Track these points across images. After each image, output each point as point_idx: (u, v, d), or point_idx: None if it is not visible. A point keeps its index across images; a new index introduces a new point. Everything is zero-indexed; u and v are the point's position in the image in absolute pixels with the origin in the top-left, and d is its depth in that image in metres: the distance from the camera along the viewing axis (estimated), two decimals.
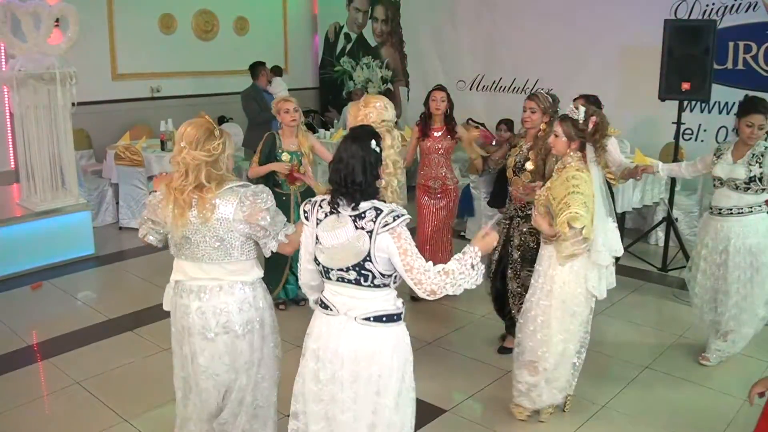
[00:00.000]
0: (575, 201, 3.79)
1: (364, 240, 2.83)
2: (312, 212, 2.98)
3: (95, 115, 9.28)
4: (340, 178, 2.88)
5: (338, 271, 2.91)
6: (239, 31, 11.46)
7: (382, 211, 2.85)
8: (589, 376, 4.82)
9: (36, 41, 6.97)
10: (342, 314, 2.95)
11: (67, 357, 5.21)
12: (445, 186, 6.04)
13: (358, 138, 2.97)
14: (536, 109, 4.90)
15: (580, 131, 3.95)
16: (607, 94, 8.72)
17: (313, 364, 3.01)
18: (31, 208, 7.22)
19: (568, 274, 4.02)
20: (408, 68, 11.38)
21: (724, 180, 4.89)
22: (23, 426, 4.33)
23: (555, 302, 4.06)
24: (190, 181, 3.06)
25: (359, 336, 2.93)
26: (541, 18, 9.30)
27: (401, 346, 3.01)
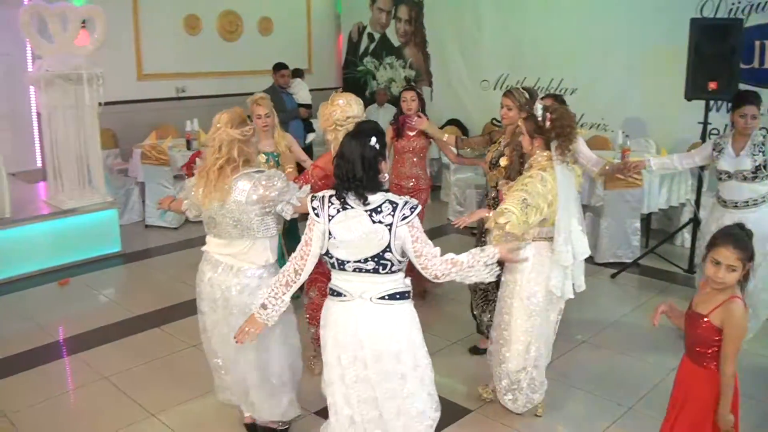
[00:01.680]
0: (513, 198, 3.79)
1: (383, 233, 2.96)
2: (322, 209, 3.05)
3: (121, 114, 9.37)
4: (342, 174, 3.01)
5: (355, 262, 3.02)
6: (263, 31, 11.52)
7: (397, 204, 3.00)
8: (615, 378, 4.82)
9: (63, 42, 7.06)
10: (357, 297, 3.07)
11: (94, 353, 5.27)
12: (418, 186, 5.99)
13: (358, 134, 3.09)
14: (512, 106, 4.84)
15: (539, 128, 3.97)
16: (632, 93, 8.73)
17: (334, 350, 3.14)
18: (58, 206, 7.31)
19: (529, 272, 4.02)
20: (431, 68, 11.37)
21: (732, 173, 5.01)
22: (52, 420, 4.38)
23: (516, 302, 4.07)
24: (222, 155, 3.46)
25: (376, 315, 3.07)
26: (566, 17, 9.25)
27: (415, 321, 3.19)
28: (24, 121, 9.27)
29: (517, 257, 3.40)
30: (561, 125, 3.92)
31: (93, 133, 7.43)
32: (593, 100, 9.02)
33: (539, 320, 4.08)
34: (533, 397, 4.22)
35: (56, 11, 6.98)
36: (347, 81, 12.73)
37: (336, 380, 3.17)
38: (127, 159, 9.40)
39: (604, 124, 9.01)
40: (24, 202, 7.43)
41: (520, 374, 4.15)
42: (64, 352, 5.37)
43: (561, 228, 3.91)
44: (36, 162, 9.36)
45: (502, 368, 4.19)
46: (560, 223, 3.91)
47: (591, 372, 4.95)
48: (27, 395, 4.64)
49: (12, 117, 8.99)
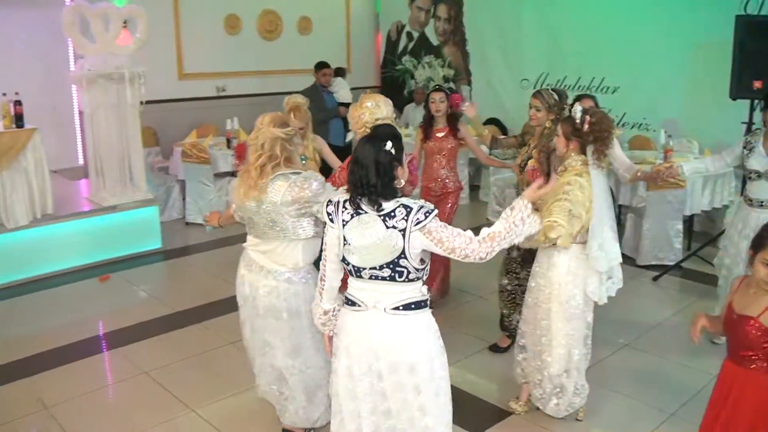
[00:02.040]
0: (559, 209, 3.70)
1: (397, 239, 2.83)
2: (337, 214, 2.95)
3: (162, 113, 9.48)
4: (356, 180, 2.87)
5: (371, 269, 2.91)
6: (303, 30, 11.56)
7: (411, 208, 2.84)
8: (657, 383, 4.74)
9: (105, 42, 7.16)
10: (371, 307, 2.96)
11: (134, 347, 5.33)
12: (445, 188, 5.85)
13: (372, 139, 2.95)
14: (541, 107, 4.76)
15: (576, 131, 3.86)
16: (674, 92, 8.59)
17: (345, 361, 3.03)
18: (100, 202, 7.41)
19: (565, 275, 3.94)
20: (470, 67, 11.32)
21: (762, 172, 4.89)
22: (92, 413, 4.44)
23: (554, 305, 3.99)
24: (264, 151, 3.48)
25: (391, 326, 2.94)
26: (607, 14, 9.14)
27: (432, 332, 3.04)
28: (66, 120, 9.42)
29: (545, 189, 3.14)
30: (600, 129, 3.83)
31: (134, 131, 7.52)
32: (635, 99, 8.91)
33: (579, 323, 4.02)
34: (575, 401, 4.16)
35: (98, 11, 7.07)
36: (385, 80, 12.74)
37: (342, 391, 3.07)
38: (167, 157, 9.50)
39: (646, 123, 8.89)
40: (66, 199, 7.54)
41: (562, 377, 4.08)
42: (105, 346, 5.44)
43: (596, 233, 3.84)
44: (78, 159, 9.50)
45: (543, 374, 4.12)
46: (595, 228, 3.83)
47: (632, 376, 4.88)
48: (67, 388, 4.71)
49: (54, 115, 9.13)
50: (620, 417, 4.37)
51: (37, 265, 6.82)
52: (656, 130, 8.20)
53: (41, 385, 4.77)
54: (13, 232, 6.63)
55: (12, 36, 8.65)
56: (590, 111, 3.91)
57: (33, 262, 6.79)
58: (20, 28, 8.69)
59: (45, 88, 8.98)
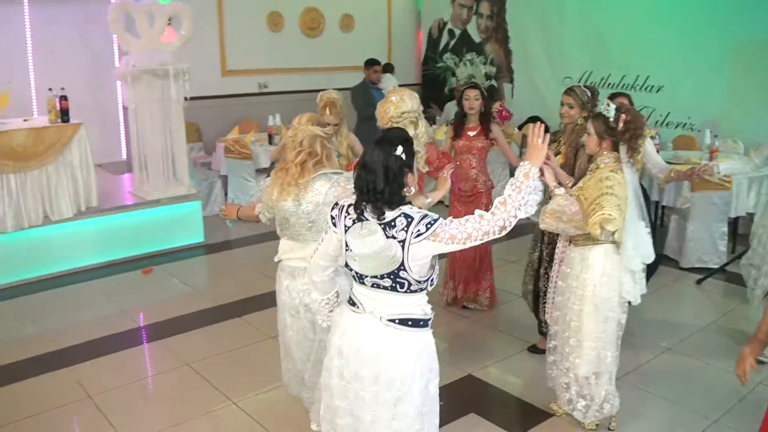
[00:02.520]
0: (609, 203, 3.64)
1: (396, 250, 2.69)
2: (340, 218, 2.84)
3: (205, 109, 9.58)
4: (363, 186, 2.72)
5: (373, 278, 2.80)
6: (345, 28, 11.60)
7: (413, 218, 2.69)
8: (700, 388, 4.66)
9: (150, 38, 7.25)
10: (368, 313, 2.84)
11: (176, 339, 5.41)
12: (476, 189, 5.71)
13: (382, 143, 2.78)
14: (573, 104, 4.69)
15: (611, 129, 3.79)
16: (719, 91, 8.43)
17: (337, 361, 2.93)
18: (143, 196, 7.52)
19: (600, 277, 3.86)
20: (513, 64, 11.25)
21: None
22: (134, 402, 4.52)
23: (587, 307, 3.90)
24: (304, 148, 3.42)
25: (382, 336, 2.82)
26: (652, 11, 9.01)
27: (426, 353, 2.90)
28: (110, 115, 9.56)
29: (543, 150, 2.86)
30: (634, 127, 3.78)
31: (178, 126, 7.61)
32: (679, 98, 8.78)
33: (612, 325, 3.95)
34: (605, 407, 4.08)
35: (143, 8, 7.17)
36: (426, 77, 12.72)
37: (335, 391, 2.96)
38: (210, 152, 9.61)
39: (690, 123, 8.75)
40: (110, 193, 7.67)
41: (590, 380, 4.01)
42: (147, 337, 5.53)
43: (630, 232, 3.78)
44: (121, 154, 9.65)
45: (570, 376, 4.07)
46: (629, 227, 3.77)
47: (674, 381, 4.80)
48: (111, 378, 4.79)
49: (99, 110, 9.28)
50: (662, 423, 4.31)
51: (81, 257, 6.95)
52: (701, 129, 8.07)
53: (83, 374, 4.86)
54: (57, 224, 6.75)
55: (58, 32, 8.81)
56: (623, 108, 3.86)
57: (77, 254, 6.92)
58: (67, 25, 8.85)
59: (90, 83, 9.13)
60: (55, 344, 5.32)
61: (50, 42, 8.76)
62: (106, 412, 4.37)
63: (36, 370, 4.91)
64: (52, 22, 8.74)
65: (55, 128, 6.67)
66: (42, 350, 5.23)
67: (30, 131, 6.48)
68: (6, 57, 8.42)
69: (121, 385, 4.71)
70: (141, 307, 6.11)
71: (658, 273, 6.73)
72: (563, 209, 3.70)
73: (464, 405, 4.46)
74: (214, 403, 4.47)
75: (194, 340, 5.41)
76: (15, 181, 6.42)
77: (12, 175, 6.38)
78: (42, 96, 7.76)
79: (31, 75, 8.67)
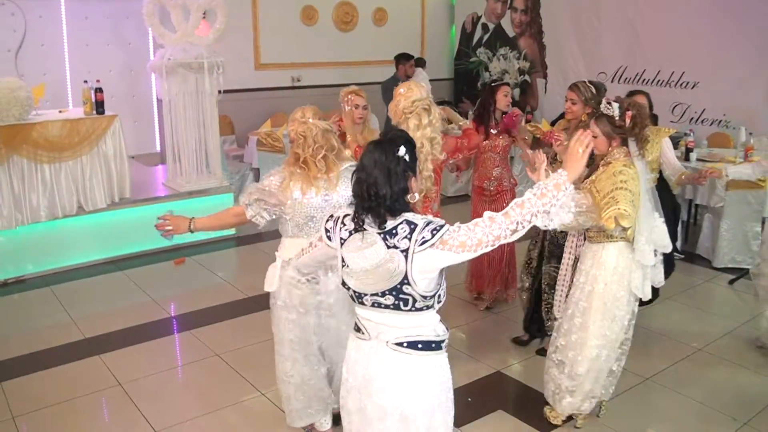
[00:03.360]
0: (623, 198, 3.58)
1: (398, 261, 2.44)
2: (335, 231, 2.61)
3: (239, 102, 9.64)
4: (362, 190, 2.48)
5: (373, 296, 2.54)
6: (378, 21, 11.59)
7: (416, 225, 2.45)
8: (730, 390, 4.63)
9: (185, 32, 7.31)
10: (373, 338, 2.61)
11: (206, 330, 5.46)
12: (501, 187, 5.62)
13: (383, 143, 2.56)
14: (577, 100, 4.69)
15: (618, 128, 3.73)
16: (755, 88, 8.28)
17: (344, 392, 2.76)
18: (176, 188, 7.60)
19: (611, 275, 3.80)
20: (546, 59, 11.16)
21: None
22: (165, 391, 4.58)
23: (595, 304, 3.84)
24: (322, 143, 3.38)
25: (390, 363, 2.57)
26: (688, 7, 8.87)
27: (441, 380, 2.65)
28: (144, 107, 9.65)
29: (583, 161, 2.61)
30: (642, 119, 3.75)
31: (212, 119, 7.67)
32: (714, 95, 8.63)
33: (619, 325, 3.89)
34: (584, 405, 4.03)
35: (178, 2, 7.23)
36: (459, 72, 12.66)
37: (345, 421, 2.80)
38: (242, 145, 9.68)
39: (726, 120, 8.60)
40: (143, 184, 7.75)
41: (582, 377, 3.94)
42: (178, 327, 5.59)
43: (643, 227, 3.74)
44: (155, 146, 9.74)
45: (564, 371, 3.99)
46: (642, 221, 3.72)
47: (704, 382, 4.74)
48: (142, 366, 4.86)
49: (133, 103, 9.39)
50: (691, 424, 4.26)
51: (114, 246, 7.05)
52: (736, 127, 7.94)
53: (114, 362, 4.93)
54: (91, 215, 6.85)
55: (95, 25, 8.92)
56: (627, 103, 3.79)
57: (110, 244, 7.02)
58: (103, 18, 8.95)
59: (125, 76, 9.26)
60: (86, 332, 5.41)
61: (86, 35, 8.88)
62: (135, 399, 4.44)
63: (67, 358, 5.00)
64: (89, 15, 8.85)
65: (90, 120, 6.76)
66: (74, 338, 5.33)
67: (65, 122, 6.58)
68: (42, 50, 8.54)
69: (151, 374, 4.77)
70: (172, 297, 6.19)
71: (691, 272, 6.68)
72: (579, 202, 3.58)
73: (492, 402, 4.45)
74: (243, 394, 4.51)
75: (224, 330, 5.46)
76: (50, 171, 6.52)
77: (47, 165, 6.48)
78: (77, 88, 7.87)
79: (67, 67, 8.78)
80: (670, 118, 8.74)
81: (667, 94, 8.95)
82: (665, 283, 5.81)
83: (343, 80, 10.49)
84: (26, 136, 6.29)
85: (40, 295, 6.19)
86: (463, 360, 4.97)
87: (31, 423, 4.21)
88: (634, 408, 4.37)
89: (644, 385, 4.64)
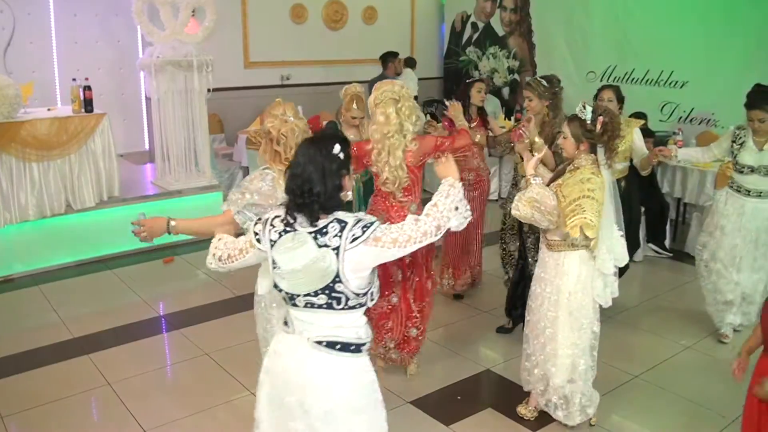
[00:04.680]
0: (590, 207, 3.59)
1: (330, 259, 2.45)
2: (264, 233, 2.57)
3: (228, 100, 9.61)
4: (296, 187, 2.48)
5: (306, 296, 2.53)
6: (368, 20, 11.57)
7: (346, 223, 2.48)
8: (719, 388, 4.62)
9: (174, 30, 7.30)
10: (297, 333, 2.60)
11: (195, 329, 5.45)
12: (479, 177, 5.90)
13: (318, 140, 2.60)
14: (532, 97, 4.92)
15: (588, 132, 3.71)
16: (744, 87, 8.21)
17: (267, 388, 2.72)
18: (165, 186, 7.58)
19: (575, 284, 3.82)
20: (536, 59, 11.17)
21: (755, 167, 4.93)
22: (154, 390, 4.57)
23: (562, 313, 3.86)
24: None
25: (309, 361, 2.57)
26: (678, 6, 8.90)
27: (362, 383, 2.64)
28: (133, 105, 9.59)
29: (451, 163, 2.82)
30: (613, 128, 3.75)
31: (201, 118, 7.66)
32: (703, 94, 8.65)
33: (586, 333, 3.91)
34: (588, 411, 4.05)
35: (167, 0, 7.21)
36: (449, 71, 12.66)
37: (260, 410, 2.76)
38: (232, 144, 9.65)
39: (715, 119, 8.63)
40: (132, 183, 7.72)
41: (566, 388, 3.97)
42: (167, 326, 5.57)
43: (605, 236, 3.76)
44: (144, 144, 9.70)
45: (548, 384, 4.02)
46: (604, 230, 3.75)
47: (693, 380, 4.76)
48: (131, 366, 4.84)
49: (122, 101, 9.35)
50: (680, 420, 4.28)
51: (103, 245, 7.01)
52: (725, 126, 7.97)
53: (103, 361, 4.91)
54: (80, 213, 6.82)
55: (84, 23, 8.86)
56: (601, 110, 3.79)
57: (99, 243, 6.98)
58: (92, 15, 8.90)
59: (114, 74, 9.20)
60: (75, 331, 5.39)
61: (74, 33, 8.82)
62: (124, 399, 4.42)
63: (56, 357, 4.98)
64: (77, 13, 8.80)
65: (79, 118, 6.73)
66: (62, 337, 5.30)
67: (53, 120, 6.55)
68: (31, 47, 8.48)
69: (141, 373, 4.76)
70: (161, 296, 6.17)
71: (679, 270, 6.72)
72: (542, 199, 3.58)
73: (482, 400, 4.46)
74: (233, 393, 4.50)
75: (213, 329, 5.44)
76: (38, 170, 6.48)
77: (35, 163, 6.45)
78: (66, 86, 7.83)
79: (56, 65, 8.72)
80: (659, 117, 8.76)
81: (656, 93, 8.98)
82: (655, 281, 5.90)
83: (332, 79, 10.55)
84: (15, 135, 6.25)
85: (28, 294, 6.16)
86: (451, 358, 4.99)
87: (20, 423, 4.19)
88: (622, 406, 4.40)
89: (633, 383, 4.67)
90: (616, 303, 5.87)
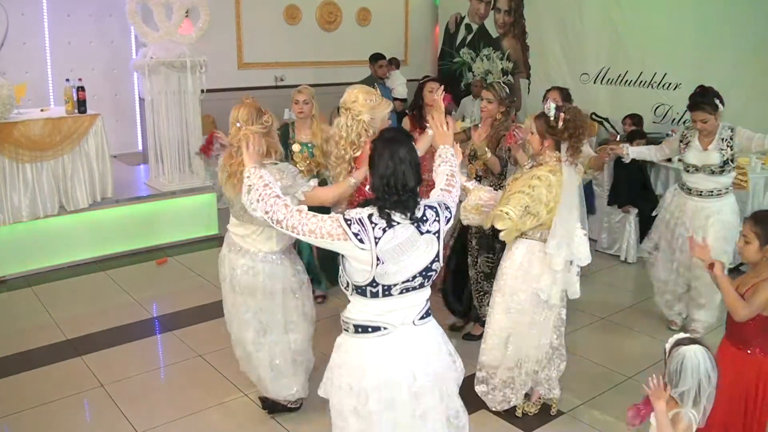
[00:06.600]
0: (516, 201, 3.68)
1: (433, 243, 2.67)
2: (366, 232, 2.57)
3: (221, 101, 9.55)
4: (391, 186, 2.59)
5: (403, 283, 2.66)
6: (361, 21, 11.57)
7: (435, 207, 2.72)
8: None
9: (167, 30, 7.29)
10: (399, 325, 2.71)
11: (189, 330, 5.44)
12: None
13: (400, 140, 2.70)
14: (493, 99, 4.93)
15: (551, 128, 3.79)
16: (737, 89, 8.30)
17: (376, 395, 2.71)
18: (158, 188, 7.56)
19: (516, 269, 3.92)
20: (530, 60, 11.18)
21: (699, 167, 5.09)
22: (147, 392, 4.56)
23: (498, 296, 4.02)
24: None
25: (422, 337, 2.77)
26: (671, 9, 8.91)
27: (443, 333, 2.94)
28: (127, 106, 9.59)
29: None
30: (574, 126, 3.78)
31: (194, 119, 7.66)
32: None
33: (521, 320, 3.96)
34: (510, 396, 4.16)
35: (161, 0, 7.21)
36: (443, 72, 12.66)
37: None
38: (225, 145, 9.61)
39: None
40: (125, 184, 7.71)
41: (513, 371, 4.07)
42: (161, 328, 5.57)
43: (556, 232, 3.77)
44: (137, 145, 9.68)
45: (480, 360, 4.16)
46: (556, 226, 3.77)
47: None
48: (124, 368, 4.83)
49: (115, 102, 9.34)
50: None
51: (97, 247, 7.00)
52: None
53: (96, 363, 4.90)
54: (73, 215, 6.80)
55: (77, 23, 8.85)
56: (564, 107, 3.84)
57: (92, 244, 6.97)
58: (85, 16, 8.89)
59: (107, 75, 9.19)
60: (68, 333, 5.38)
61: (68, 33, 8.81)
62: (118, 400, 4.41)
63: (49, 359, 4.97)
64: (71, 13, 8.79)
65: (72, 119, 6.72)
66: (55, 339, 5.29)
67: (47, 121, 6.53)
68: (24, 48, 8.46)
69: (134, 375, 4.75)
70: (154, 297, 6.15)
71: None
72: (485, 202, 3.80)
73: (475, 402, 4.45)
74: (226, 394, 4.51)
75: (207, 331, 5.42)
76: (31, 171, 6.47)
77: (28, 164, 6.43)
78: (59, 87, 7.82)
79: (49, 66, 8.71)
80: (653, 119, 8.77)
81: (650, 95, 8.99)
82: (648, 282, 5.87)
83: (326, 80, 10.54)
84: (8, 135, 6.24)
85: (21, 295, 6.14)
86: None
87: (13, 425, 4.18)
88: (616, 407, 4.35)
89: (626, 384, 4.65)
90: (609, 304, 5.97)
